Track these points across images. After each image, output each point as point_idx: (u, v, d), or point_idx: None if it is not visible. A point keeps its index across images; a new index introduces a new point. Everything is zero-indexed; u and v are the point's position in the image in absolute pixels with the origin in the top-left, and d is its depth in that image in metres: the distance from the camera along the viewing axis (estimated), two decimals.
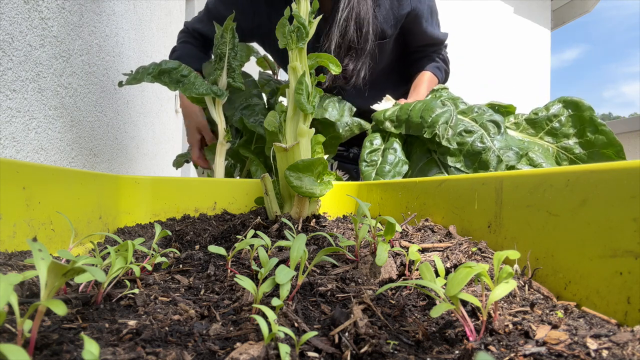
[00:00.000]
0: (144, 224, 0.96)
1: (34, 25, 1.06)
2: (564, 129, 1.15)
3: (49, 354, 0.30)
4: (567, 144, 1.14)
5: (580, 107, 1.13)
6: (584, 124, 1.12)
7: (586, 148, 1.11)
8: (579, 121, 1.13)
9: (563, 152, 1.14)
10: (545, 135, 1.18)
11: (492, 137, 1.13)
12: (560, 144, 1.15)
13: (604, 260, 0.41)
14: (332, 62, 0.92)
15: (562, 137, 1.15)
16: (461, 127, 1.17)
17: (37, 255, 0.31)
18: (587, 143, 1.11)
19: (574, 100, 1.15)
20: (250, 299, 0.42)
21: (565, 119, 1.15)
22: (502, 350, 0.33)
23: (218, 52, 1.29)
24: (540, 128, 1.20)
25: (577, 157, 1.12)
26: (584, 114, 1.12)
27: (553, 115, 1.17)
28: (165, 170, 2.65)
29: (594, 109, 1.12)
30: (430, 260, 0.56)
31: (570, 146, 1.13)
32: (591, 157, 1.10)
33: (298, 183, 0.82)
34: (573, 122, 1.14)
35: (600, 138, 1.09)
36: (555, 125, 1.16)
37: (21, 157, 1.02)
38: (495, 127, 1.16)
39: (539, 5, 6.13)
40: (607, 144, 1.08)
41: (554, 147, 1.16)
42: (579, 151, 1.12)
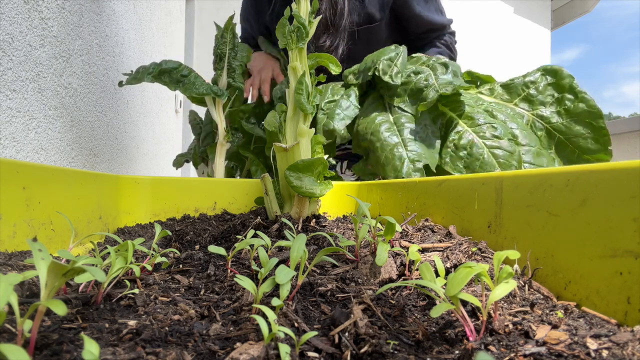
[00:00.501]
0: (144, 224, 0.96)
1: (34, 25, 1.06)
2: (541, 97, 1.09)
3: (49, 354, 0.30)
4: (543, 112, 1.08)
5: (560, 75, 1.08)
6: (563, 92, 1.07)
7: (564, 117, 1.06)
8: (557, 89, 1.08)
9: (539, 121, 1.08)
10: (520, 101, 1.12)
11: (437, 77, 1.11)
12: (536, 111, 1.09)
13: (604, 260, 0.41)
14: (332, 62, 0.92)
15: (538, 105, 1.09)
16: (411, 69, 1.17)
17: (37, 255, 0.31)
18: (566, 112, 1.05)
19: (553, 69, 1.10)
20: (250, 299, 0.42)
21: (543, 87, 1.09)
22: (502, 350, 0.33)
23: (218, 52, 1.30)
24: (515, 94, 1.14)
25: (554, 126, 1.06)
26: (563, 82, 1.07)
27: (530, 82, 1.12)
28: (165, 170, 2.65)
29: (573, 76, 1.07)
30: (430, 260, 0.56)
31: (547, 115, 1.08)
32: (569, 126, 1.05)
33: (298, 183, 0.82)
34: (551, 90, 1.09)
35: (580, 106, 1.03)
36: (532, 92, 1.10)
37: (21, 157, 1.02)
38: (443, 68, 1.14)
39: (539, 5, 6.13)
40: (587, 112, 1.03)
41: (530, 115, 1.09)
42: (556, 120, 1.06)
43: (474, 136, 1.04)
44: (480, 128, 1.05)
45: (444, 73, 1.13)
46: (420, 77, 1.13)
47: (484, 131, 1.04)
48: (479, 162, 1.01)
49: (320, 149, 0.91)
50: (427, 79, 1.13)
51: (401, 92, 1.15)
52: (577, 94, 1.05)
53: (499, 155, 1.00)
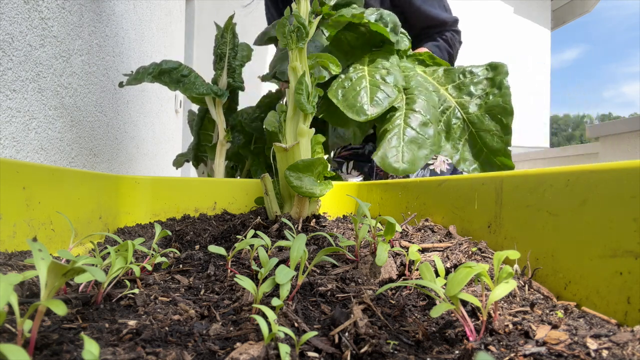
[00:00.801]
0: (144, 224, 0.96)
1: (34, 25, 1.06)
2: (472, 87, 1.10)
3: (49, 354, 0.30)
4: (466, 101, 1.09)
5: (498, 71, 1.08)
6: (493, 87, 1.07)
7: (481, 110, 1.06)
8: (491, 84, 1.09)
9: (459, 109, 1.09)
10: (451, 87, 1.13)
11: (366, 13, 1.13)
12: (460, 100, 1.10)
13: (604, 260, 0.41)
14: (332, 62, 0.92)
15: (464, 94, 1.10)
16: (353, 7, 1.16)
17: (37, 255, 0.31)
18: (485, 104, 1.06)
19: (496, 64, 1.10)
20: (250, 299, 0.42)
21: (478, 80, 1.10)
22: (502, 350, 0.33)
23: (218, 52, 1.30)
24: (450, 80, 1.15)
25: (469, 117, 1.07)
26: (497, 77, 1.08)
27: (469, 72, 1.13)
28: (165, 170, 2.65)
29: (508, 73, 1.08)
30: (430, 260, 0.56)
31: (467, 104, 1.08)
32: (481, 119, 1.05)
33: (298, 183, 0.82)
34: (486, 84, 1.09)
35: (496, 100, 1.04)
36: (465, 80, 1.11)
37: (21, 157, 1.02)
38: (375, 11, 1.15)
39: (539, 5, 6.13)
40: (501, 108, 1.03)
41: (454, 102, 1.10)
42: (473, 110, 1.07)
43: (365, 73, 1.07)
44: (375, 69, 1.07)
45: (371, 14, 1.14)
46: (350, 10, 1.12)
47: (376, 72, 1.06)
48: (354, 92, 1.03)
49: (320, 149, 0.91)
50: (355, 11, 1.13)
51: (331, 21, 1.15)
52: (502, 89, 1.05)
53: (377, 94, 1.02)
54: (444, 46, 1.57)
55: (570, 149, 3.63)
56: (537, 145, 6.00)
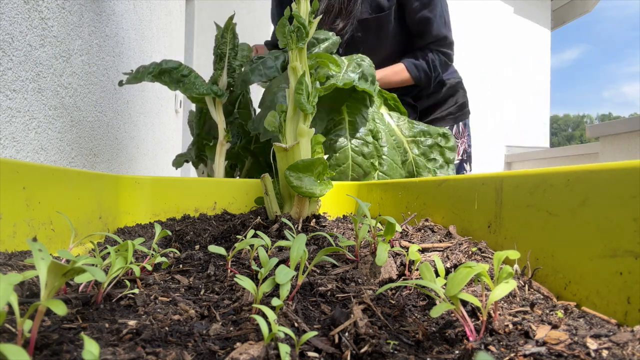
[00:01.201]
0: (144, 224, 0.96)
1: (34, 25, 1.06)
2: (426, 150, 1.29)
3: (49, 354, 0.30)
4: (420, 162, 1.28)
5: (448, 144, 1.30)
6: (442, 158, 1.29)
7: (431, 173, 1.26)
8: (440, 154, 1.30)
9: (414, 166, 1.28)
10: (412, 142, 1.30)
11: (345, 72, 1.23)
12: (417, 158, 1.28)
13: (604, 260, 0.41)
14: (332, 62, 0.92)
15: (421, 154, 1.29)
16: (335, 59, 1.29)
17: (37, 255, 0.31)
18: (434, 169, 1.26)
19: (448, 136, 1.31)
20: (250, 299, 0.42)
21: (432, 143, 1.29)
22: (502, 350, 0.33)
23: (218, 52, 1.30)
24: (412, 135, 1.31)
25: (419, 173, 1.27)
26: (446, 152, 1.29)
27: (428, 132, 1.30)
28: (165, 170, 2.65)
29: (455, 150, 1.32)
30: (430, 260, 0.56)
31: (420, 166, 1.27)
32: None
33: (298, 183, 0.82)
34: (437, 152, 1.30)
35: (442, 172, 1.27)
36: (424, 140, 1.30)
37: (21, 157, 1.02)
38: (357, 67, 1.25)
39: (539, 5, 6.13)
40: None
41: (412, 156, 1.28)
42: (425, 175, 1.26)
43: (348, 145, 1.21)
44: (356, 141, 1.22)
45: (354, 71, 1.23)
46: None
47: (357, 145, 1.22)
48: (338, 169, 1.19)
49: (320, 149, 0.91)
50: (337, 71, 1.22)
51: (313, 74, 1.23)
52: (449, 168, 1.28)
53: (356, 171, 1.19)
54: (422, 67, 1.52)
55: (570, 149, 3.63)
56: (537, 145, 6.00)
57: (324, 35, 1.28)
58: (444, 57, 1.54)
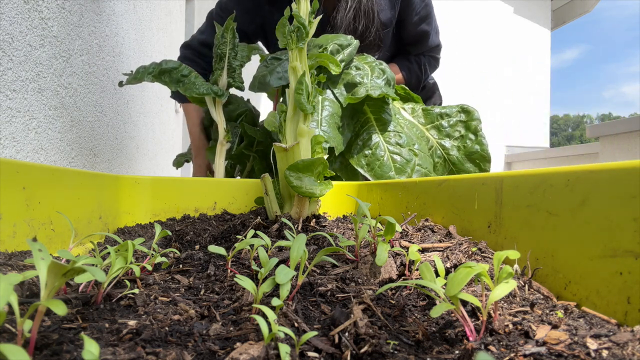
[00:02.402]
0: (144, 224, 0.96)
1: (34, 25, 1.06)
2: (449, 130, 1.25)
3: (49, 354, 0.30)
4: (446, 143, 1.24)
5: (471, 116, 1.23)
6: (468, 131, 1.22)
7: (461, 152, 1.21)
8: (465, 128, 1.23)
9: (440, 149, 1.24)
10: (432, 128, 1.27)
11: (372, 79, 1.22)
12: (440, 140, 1.24)
13: (604, 260, 0.41)
14: (332, 62, 0.92)
15: (444, 136, 1.25)
16: (354, 64, 1.27)
17: (37, 255, 0.31)
18: (464, 149, 1.21)
19: (468, 109, 1.25)
20: (250, 299, 0.42)
21: (454, 122, 1.25)
22: (502, 350, 0.33)
23: (218, 52, 1.30)
24: (430, 121, 1.29)
25: (450, 158, 1.23)
26: (471, 123, 1.23)
27: (445, 114, 1.26)
28: (165, 170, 2.65)
29: (481, 120, 1.23)
30: (430, 260, 0.56)
31: (448, 146, 1.23)
32: (462, 162, 1.21)
33: (298, 183, 0.82)
34: (461, 127, 1.24)
35: (475, 147, 1.20)
36: (444, 123, 1.25)
37: (21, 157, 1.02)
38: (380, 73, 1.25)
39: (539, 5, 6.13)
40: (479, 154, 1.19)
41: (435, 142, 1.25)
42: (454, 154, 1.22)
43: (380, 139, 1.19)
44: (388, 134, 1.20)
45: (379, 77, 1.24)
46: (358, 73, 1.25)
47: (391, 137, 1.19)
48: (379, 162, 1.15)
49: (320, 149, 0.91)
50: (363, 77, 1.23)
51: (340, 81, 1.25)
52: (477, 136, 1.21)
53: (397, 160, 1.15)
54: (414, 69, 1.58)
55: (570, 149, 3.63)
56: (537, 145, 6.00)
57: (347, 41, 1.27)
58: (434, 61, 1.63)
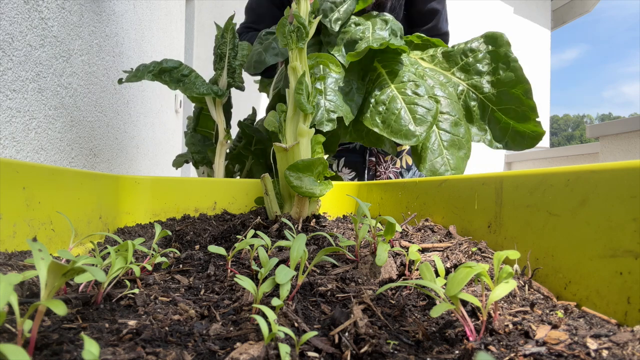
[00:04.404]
0: (144, 224, 0.96)
1: (34, 25, 1.06)
2: (478, 66, 1.07)
3: (49, 354, 0.30)
4: (477, 81, 1.07)
5: (499, 42, 1.05)
6: (498, 61, 1.05)
7: (496, 87, 1.04)
8: (494, 58, 1.06)
9: (473, 91, 1.07)
10: (457, 70, 1.10)
11: (374, 31, 1.11)
12: (471, 81, 1.08)
13: (604, 260, 0.41)
14: (332, 62, 0.92)
15: (473, 74, 1.08)
16: (354, 19, 1.15)
17: (37, 255, 0.31)
18: (498, 82, 1.04)
19: (494, 35, 1.07)
20: (250, 299, 0.42)
21: (482, 55, 1.07)
22: (502, 350, 0.33)
23: (218, 52, 1.30)
24: (454, 62, 1.12)
25: (485, 96, 1.05)
26: (500, 50, 1.05)
27: (470, 50, 1.09)
28: (165, 170, 2.65)
29: (511, 44, 1.04)
30: (430, 260, 0.56)
31: (480, 84, 1.06)
32: (499, 97, 1.04)
33: (298, 183, 0.82)
34: (490, 59, 1.07)
35: (509, 75, 1.02)
36: (470, 60, 1.08)
37: (21, 157, 1.02)
38: (383, 24, 1.13)
39: (539, 5, 6.13)
40: (515, 82, 1.02)
41: (465, 85, 1.08)
42: (488, 90, 1.05)
43: (395, 93, 1.02)
44: (403, 84, 1.03)
45: (382, 29, 1.11)
46: (359, 29, 1.11)
47: (406, 88, 1.02)
48: (394, 116, 1.00)
49: (320, 149, 0.91)
50: (364, 32, 1.10)
51: (338, 41, 1.13)
52: (509, 63, 1.03)
53: (416, 111, 0.98)
54: None
55: (570, 149, 3.62)
56: (537, 145, 5.99)
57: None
58: None
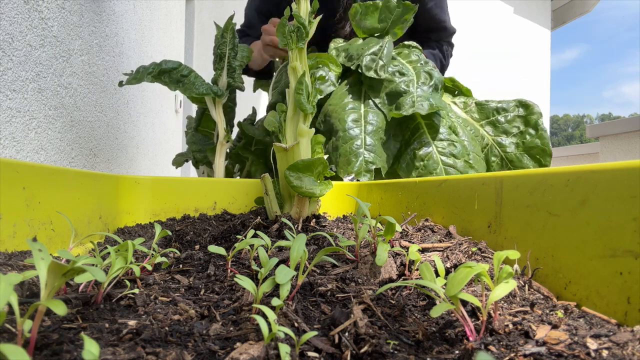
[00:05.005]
0: (144, 224, 0.96)
1: (34, 25, 1.06)
2: (507, 125, 1.15)
3: (49, 354, 0.30)
4: (503, 140, 1.14)
5: (531, 111, 1.14)
6: (528, 126, 1.13)
7: (519, 149, 1.12)
8: (524, 123, 1.14)
9: (497, 147, 1.14)
10: (487, 124, 1.18)
11: (418, 86, 1.12)
12: (497, 138, 1.15)
13: (604, 260, 0.41)
14: (332, 62, 0.92)
15: (501, 132, 1.15)
16: (397, 67, 1.17)
17: (37, 255, 0.31)
18: (522, 144, 1.11)
19: (527, 103, 1.15)
20: (250, 299, 0.42)
21: (512, 117, 1.15)
22: (502, 350, 0.33)
23: (218, 52, 1.29)
24: (485, 116, 1.19)
25: (508, 156, 1.13)
26: (531, 117, 1.13)
27: (502, 109, 1.16)
28: (165, 170, 2.65)
29: (542, 114, 1.13)
30: (430, 260, 0.56)
31: (505, 144, 1.14)
32: (520, 159, 1.11)
33: (298, 183, 0.82)
34: (519, 122, 1.14)
35: (535, 142, 1.10)
36: (500, 119, 1.16)
37: (21, 157, 1.02)
38: (427, 78, 1.15)
39: (539, 5, 6.14)
40: (539, 150, 1.09)
41: (490, 139, 1.15)
42: (511, 151, 1.12)
43: (433, 150, 1.08)
44: (441, 143, 1.09)
45: (426, 84, 1.13)
46: (403, 81, 1.13)
47: (445, 147, 1.08)
48: (430, 175, 1.05)
49: (320, 149, 0.91)
50: (408, 85, 1.12)
51: (381, 89, 1.15)
52: (538, 130, 1.11)
53: (452, 173, 1.04)
54: (439, 56, 1.60)
55: (570, 149, 3.62)
56: None
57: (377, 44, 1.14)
58: (451, 49, 1.66)
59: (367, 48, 1.16)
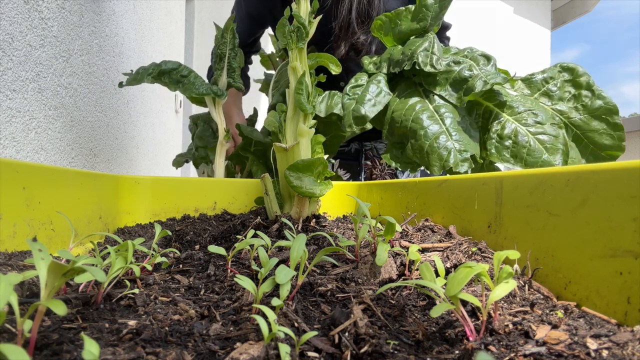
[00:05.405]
0: (144, 224, 0.96)
1: (34, 25, 1.06)
2: (559, 92, 1.13)
3: (49, 354, 0.30)
4: (562, 107, 1.12)
5: (576, 73, 1.12)
6: (580, 89, 1.11)
7: (582, 113, 1.10)
8: (575, 86, 1.12)
9: (558, 115, 1.12)
10: (540, 96, 1.16)
11: (481, 68, 1.12)
12: (555, 106, 1.13)
13: (604, 260, 0.41)
14: (332, 62, 0.92)
15: (557, 100, 1.13)
16: (449, 59, 1.16)
17: (37, 255, 0.31)
18: (584, 108, 1.09)
19: (569, 66, 1.14)
20: (250, 299, 0.42)
21: (561, 83, 1.13)
22: (502, 350, 0.33)
23: (218, 52, 1.30)
24: (535, 89, 1.17)
25: (572, 122, 1.11)
26: (580, 79, 1.11)
27: (549, 78, 1.15)
28: (165, 170, 2.65)
29: (589, 74, 1.11)
30: (430, 260, 0.56)
31: (565, 110, 1.12)
32: (587, 122, 1.09)
33: (298, 183, 0.82)
34: (569, 86, 1.13)
35: (597, 103, 1.08)
36: (551, 87, 1.15)
37: (21, 157, 1.02)
38: (486, 60, 1.14)
39: (539, 5, 6.14)
40: (604, 109, 1.07)
41: (550, 109, 1.13)
42: (575, 115, 1.10)
43: (516, 125, 1.06)
44: (521, 116, 1.07)
45: (487, 65, 1.13)
46: (464, 67, 1.14)
47: (525, 119, 1.06)
48: (525, 149, 1.03)
49: (320, 149, 0.91)
50: (470, 69, 1.12)
51: (442, 81, 1.14)
52: (594, 91, 1.08)
53: (545, 140, 1.02)
54: None
55: None
56: None
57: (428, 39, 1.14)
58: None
59: (415, 47, 1.16)
